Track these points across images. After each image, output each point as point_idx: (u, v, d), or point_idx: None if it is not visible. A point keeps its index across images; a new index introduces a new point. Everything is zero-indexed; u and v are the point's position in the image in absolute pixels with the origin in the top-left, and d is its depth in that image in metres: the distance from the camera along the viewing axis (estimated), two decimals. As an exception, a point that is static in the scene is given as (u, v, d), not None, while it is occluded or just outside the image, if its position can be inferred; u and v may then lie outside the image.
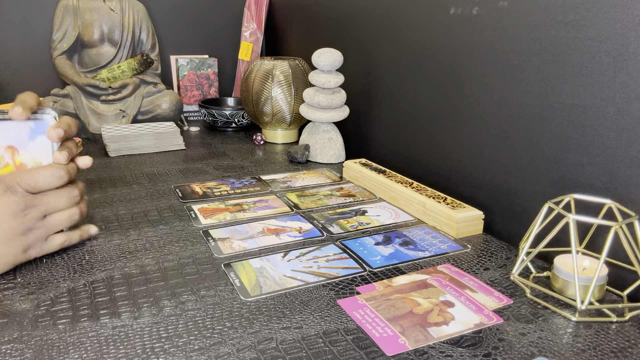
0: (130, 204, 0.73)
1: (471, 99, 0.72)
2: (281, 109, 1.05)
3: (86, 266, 0.54)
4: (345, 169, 0.86)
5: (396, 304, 0.48)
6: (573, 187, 0.58)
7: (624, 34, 0.51)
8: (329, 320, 0.46)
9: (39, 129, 0.51)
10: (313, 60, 0.93)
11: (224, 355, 0.41)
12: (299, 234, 0.64)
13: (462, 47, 0.73)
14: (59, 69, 1.15)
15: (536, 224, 0.52)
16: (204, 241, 0.61)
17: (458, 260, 0.58)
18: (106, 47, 1.19)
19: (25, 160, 0.52)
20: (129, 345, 0.41)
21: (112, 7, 1.19)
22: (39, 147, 0.52)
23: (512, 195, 0.67)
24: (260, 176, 0.87)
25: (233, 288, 0.51)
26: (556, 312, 0.48)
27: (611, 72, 0.53)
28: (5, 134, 0.51)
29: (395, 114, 0.91)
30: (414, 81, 0.84)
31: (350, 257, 0.58)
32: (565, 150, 0.59)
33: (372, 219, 0.69)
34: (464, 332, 0.44)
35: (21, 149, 0.51)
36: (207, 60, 1.33)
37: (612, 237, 0.46)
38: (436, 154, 0.81)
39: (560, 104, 0.59)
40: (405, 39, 0.86)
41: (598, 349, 0.43)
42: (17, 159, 0.52)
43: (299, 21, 1.28)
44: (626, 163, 0.53)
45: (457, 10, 0.73)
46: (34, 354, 0.40)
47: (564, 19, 0.57)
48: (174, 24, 1.37)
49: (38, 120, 0.52)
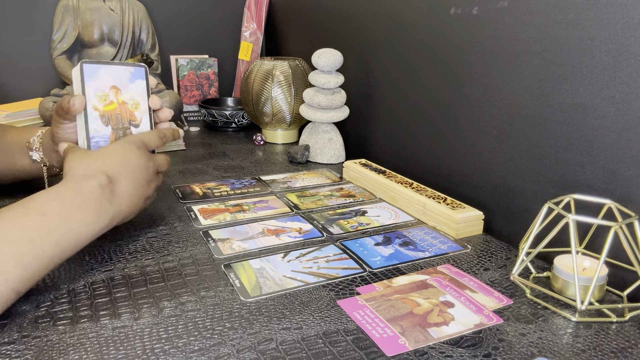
0: (130, 204, 0.73)
1: (471, 99, 0.72)
2: (281, 109, 1.05)
3: (86, 267, 0.54)
4: (345, 169, 0.86)
5: (396, 305, 0.48)
6: (573, 187, 0.58)
7: (624, 34, 0.51)
8: (329, 320, 0.46)
9: (137, 74, 0.62)
10: (313, 61, 0.93)
11: (224, 356, 0.41)
12: (299, 234, 0.64)
13: (462, 47, 0.73)
14: (59, 69, 1.15)
15: (536, 224, 0.52)
16: (204, 242, 0.61)
17: (458, 260, 0.58)
18: (106, 47, 1.19)
19: (126, 99, 0.61)
20: (129, 346, 0.41)
21: (112, 7, 1.19)
22: (137, 89, 0.62)
23: (512, 195, 0.67)
24: (260, 176, 0.87)
25: (233, 289, 0.51)
26: (556, 312, 0.48)
27: (611, 72, 0.53)
28: (110, 76, 0.60)
29: (395, 114, 0.91)
30: (414, 81, 0.84)
31: (350, 258, 0.58)
32: (565, 150, 0.59)
33: (372, 220, 0.69)
34: (464, 333, 0.44)
35: (123, 89, 0.61)
36: (207, 60, 1.33)
37: (612, 237, 0.46)
38: (436, 154, 0.81)
39: (560, 104, 0.59)
40: (405, 39, 0.86)
41: (598, 349, 0.43)
42: (120, 98, 0.60)
43: (299, 21, 1.28)
44: (626, 163, 0.53)
45: (457, 10, 0.73)
46: (33, 354, 0.40)
47: (564, 19, 0.57)
48: (174, 24, 1.37)
49: (137, 67, 0.62)
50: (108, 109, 0.60)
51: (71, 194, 0.50)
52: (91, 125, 0.59)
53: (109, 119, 0.60)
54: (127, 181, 0.55)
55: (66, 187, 0.51)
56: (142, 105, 0.62)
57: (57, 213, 0.47)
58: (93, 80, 0.59)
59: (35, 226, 0.45)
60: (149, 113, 0.63)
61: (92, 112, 0.59)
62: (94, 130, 0.59)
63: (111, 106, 0.60)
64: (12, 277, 0.42)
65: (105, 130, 0.60)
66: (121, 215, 0.54)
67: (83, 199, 0.50)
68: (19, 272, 0.43)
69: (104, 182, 0.52)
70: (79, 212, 0.49)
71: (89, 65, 0.58)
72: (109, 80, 0.60)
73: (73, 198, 0.49)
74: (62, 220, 0.47)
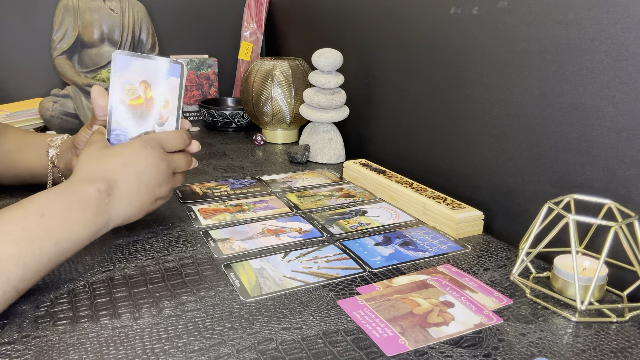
0: (130, 204, 0.73)
1: (471, 99, 0.72)
2: (281, 109, 1.05)
3: (86, 267, 0.54)
4: (345, 169, 0.86)
5: (396, 305, 0.48)
6: (573, 187, 0.58)
7: (624, 34, 0.51)
8: (329, 320, 0.46)
9: (173, 71, 0.59)
10: (313, 61, 0.93)
11: (224, 356, 0.41)
12: (299, 234, 0.64)
13: (462, 47, 0.73)
14: (59, 69, 1.15)
15: (536, 224, 0.52)
16: (204, 242, 0.61)
17: (458, 260, 0.58)
18: (106, 47, 1.19)
19: (155, 96, 0.59)
20: (129, 346, 0.41)
21: (112, 7, 1.19)
22: (168, 87, 0.59)
23: (512, 195, 0.67)
24: (260, 176, 0.87)
25: (233, 289, 0.51)
26: (556, 312, 0.48)
27: (611, 72, 0.53)
28: (142, 70, 0.58)
29: (395, 114, 0.91)
30: (414, 81, 0.84)
31: (350, 258, 0.58)
32: (565, 150, 0.59)
33: (372, 220, 0.69)
34: (464, 333, 0.44)
35: (154, 85, 0.59)
36: (207, 60, 1.33)
37: (612, 237, 0.46)
38: (436, 154, 0.81)
39: (560, 104, 0.59)
40: (405, 39, 0.86)
41: (598, 349, 0.43)
42: (149, 94, 0.59)
43: (299, 21, 1.28)
44: (626, 163, 0.52)
45: (457, 10, 0.73)
46: (33, 355, 0.40)
47: (564, 19, 0.57)
48: (174, 24, 1.37)
49: (174, 64, 0.59)
50: (134, 104, 0.58)
51: (69, 196, 0.50)
52: (114, 118, 0.58)
53: (133, 113, 0.59)
54: (129, 184, 0.54)
55: (65, 188, 0.51)
56: (172, 104, 0.60)
57: (56, 214, 0.47)
58: (123, 72, 0.57)
59: (35, 227, 0.45)
60: (177, 113, 0.61)
61: (118, 105, 0.58)
62: (117, 123, 0.58)
63: (138, 101, 0.59)
64: (14, 276, 0.43)
65: (128, 125, 0.59)
66: (119, 218, 0.54)
67: (80, 201, 0.50)
68: (20, 272, 0.43)
69: (102, 188, 0.52)
70: (77, 213, 0.49)
71: (122, 56, 0.57)
72: (140, 74, 0.58)
73: (71, 200, 0.50)
74: (61, 221, 0.48)
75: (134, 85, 0.58)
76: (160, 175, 0.57)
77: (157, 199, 0.59)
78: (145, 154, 0.56)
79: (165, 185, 0.59)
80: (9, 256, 0.43)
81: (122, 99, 0.58)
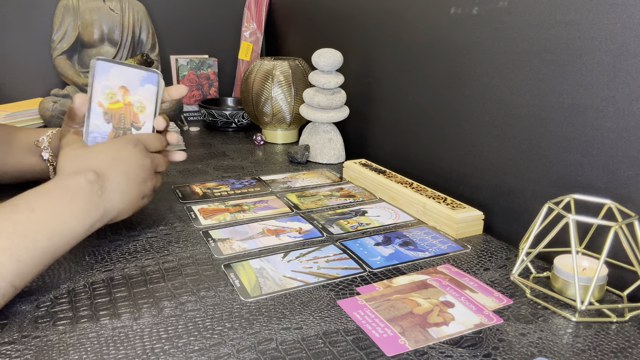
0: (130, 204, 0.73)
1: (471, 99, 0.72)
2: (281, 109, 1.05)
3: (86, 267, 0.54)
4: (345, 169, 0.86)
5: (396, 305, 0.48)
6: (573, 187, 0.58)
7: (624, 34, 0.51)
8: (329, 320, 0.46)
9: (149, 79, 0.62)
10: (313, 61, 0.93)
11: (224, 356, 0.41)
12: (299, 234, 0.64)
13: (462, 47, 0.73)
14: (59, 69, 1.15)
15: (536, 224, 0.52)
16: (204, 242, 0.61)
17: (458, 260, 0.58)
18: (106, 47, 1.19)
19: (132, 101, 0.62)
20: (129, 346, 0.41)
21: (112, 7, 1.19)
22: (145, 94, 0.62)
23: (512, 195, 0.67)
24: (260, 176, 0.87)
25: (233, 289, 0.51)
26: (556, 312, 0.48)
27: (611, 72, 0.53)
28: (121, 76, 0.61)
29: (395, 114, 0.91)
30: (414, 81, 0.84)
31: (350, 258, 0.58)
32: (565, 150, 0.59)
33: (372, 220, 0.69)
34: (464, 333, 0.44)
35: (131, 91, 0.61)
36: (207, 60, 1.33)
37: (612, 237, 0.46)
38: (436, 154, 0.81)
39: (560, 104, 0.59)
40: (405, 39, 0.86)
41: (598, 349, 0.43)
42: (127, 99, 0.61)
43: (299, 21, 1.28)
44: (626, 163, 0.53)
45: (457, 10, 0.73)
46: (33, 354, 0.40)
47: (564, 19, 0.57)
48: (174, 24, 1.37)
49: (149, 72, 0.62)
50: (112, 107, 0.60)
51: (59, 189, 0.50)
52: (92, 121, 0.59)
53: (111, 117, 0.60)
54: (119, 177, 0.55)
55: (54, 184, 0.51)
56: (148, 109, 0.62)
57: (46, 208, 0.47)
58: (103, 77, 0.60)
59: (26, 221, 0.45)
60: (154, 118, 0.63)
61: (97, 108, 0.59)
62: (95, 125, 0.60)
63: (116, 105, 0.61)
64: (7, 270, 0.43)
65: (106, 127, 0.60)
66: (114, 210, 0.54)
67: (71, 194, 0.50)
68: (13, 266, 0.43)
69: (92, 178, 0.52)
70: (68, 206, 0.49)
71: (102, 62, 0.59)
72: (119, 80, 0.60)
73: (61, 193, 0.50)
74: (52, 214, 0.48)
75: (113, 90, 0.60)
76: (145, 172, 0.58)
77: (144, 196, 0.59)
78: (131, 151, 0.57)
79: (150, 182, 0.59)
80: (1, 250, 0.43)
81: (100, 102, 0.60)
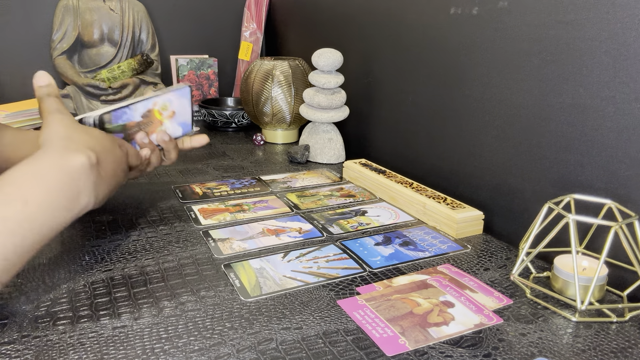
0: (130, 204, 0.73)
1: (471, 99, 0.72)
2: (281, 109, 1.05)
3: (86, 267, 0.54)
4: (345, 169, 0.86)
5: (396, 305, 0.48)
6: (573, 187, 0.58)
7: (624, 34, 0.51)
8: (329, 320, 0.46)
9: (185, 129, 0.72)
10: (313, 61, 0.93)
11: (224, 356, 0.41)
12: (299, 234, 0.64)
13: (462, 47, 0.73)
14: (59, 69, 1.15)
15: (536, 224, 0.52)
16: (204, 242, 0.61)
17: (458, 260, 0.58)
18: (106, 47, 1.19)
19: (164, 124, 0.68)
20: (128, 346, 0.41)
21: (112, 7, 1.19)
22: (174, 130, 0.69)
23: (512, 195, 0.67)
24: (260, 176, 0.87)
25: (233, 289, 0.51)
26: (556, 312, 0.48)
27: (611, 72, 0.53)
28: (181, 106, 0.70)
29: (395, 114, 0.91)
30: (414, 81, 0.84)
31: (350, 258, 0.58)
32: (565, 150, 0.59)
33: (372, 220, 0.69)
34: (464, 333, 0.44)
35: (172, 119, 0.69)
36: (207, 60, 1.33)
37: (612, 237, 0.46)
38: (436, 154, 0.81)
39: (560, 104, 0.59)
40: (405, 39, 0.86)
41: (598, 349, 0.43)
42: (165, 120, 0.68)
43: (299, 21, 1.28)
44: (626, 163, 0.53)
45: (457, 10, 0.73)
46: (33, 354, 0.40)
47: (564, 19, 0.57)
48: (174, 24, 1.37)
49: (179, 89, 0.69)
50: (155, 114, 0.66)
51: (56, 172, 0.46)
52: (137, 105, 0.63)
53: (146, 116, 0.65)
54: (111, 165, 0.52)
55: (50, 163, 0.46)
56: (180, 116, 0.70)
57: (41, 201, 0.44)
58: (176, 97, 0.68)
59: (17, 218, 0.43)
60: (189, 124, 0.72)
61: (149, 103, 0.64)
62: (135, 106, 0.63)
63: (158, 116, 0.67)
64: None
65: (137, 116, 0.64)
66: (96, 201, 0.50)
67: (70, 178, 0.46)
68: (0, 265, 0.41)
69: (94, 161, 0.48)
70: (64, 194, 0.46)
71: (189, 90, 0.70)
72: (177, 106, 0.69)
73: (59, 177, 0.46)
74: (46, 208, 0.44)
75: (169, 108, 0.68)
76: (122, 174, 0.56)
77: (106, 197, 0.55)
78: (118, 149, 0.55)
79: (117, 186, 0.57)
80: None
81: (155, 103, 0.65)
